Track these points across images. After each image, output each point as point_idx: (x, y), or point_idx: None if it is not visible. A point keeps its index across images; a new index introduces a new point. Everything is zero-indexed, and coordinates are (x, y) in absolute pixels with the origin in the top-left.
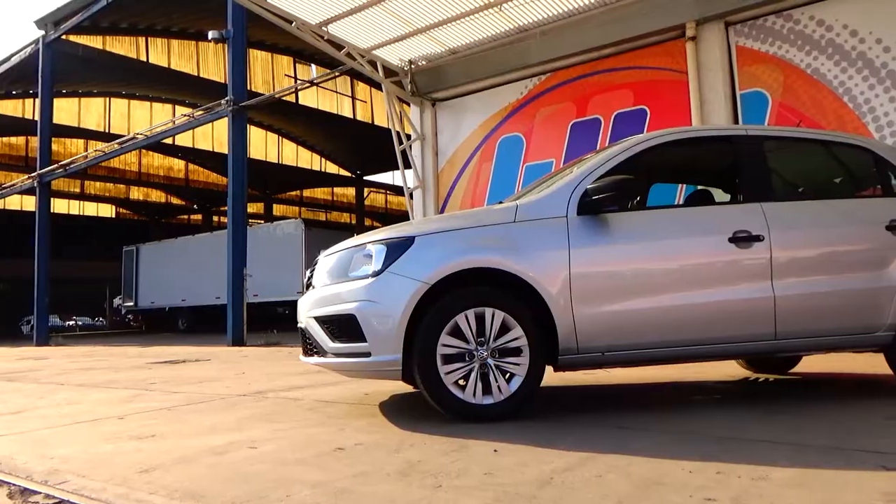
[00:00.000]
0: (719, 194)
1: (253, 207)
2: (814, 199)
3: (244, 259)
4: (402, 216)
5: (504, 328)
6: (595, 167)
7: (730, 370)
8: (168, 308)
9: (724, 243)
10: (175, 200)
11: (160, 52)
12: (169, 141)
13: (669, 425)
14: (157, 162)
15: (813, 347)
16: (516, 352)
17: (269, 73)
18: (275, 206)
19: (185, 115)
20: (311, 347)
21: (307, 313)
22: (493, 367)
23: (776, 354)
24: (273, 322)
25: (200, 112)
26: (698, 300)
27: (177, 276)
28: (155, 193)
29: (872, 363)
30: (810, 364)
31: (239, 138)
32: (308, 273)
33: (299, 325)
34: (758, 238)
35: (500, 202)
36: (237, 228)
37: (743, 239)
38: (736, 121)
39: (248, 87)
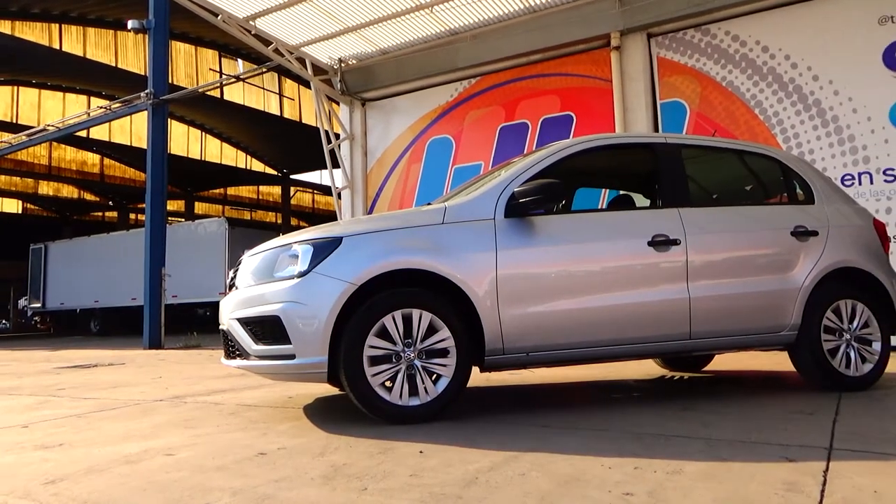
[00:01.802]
0: (640, 199)
1: (173, 205)
2: (727, 205)
3: (163, 259)
4: (330, 216)
5: (431, 329)
6: (522, 171)
7: (648, 369)
8: (79, 310)
9: (643, 247)
10: (89, 196)
11: (75, 41)
12: (83, 133)
13: (590, 423)
14: (69, 155)
15: (725, 346)
16: (443, 353)
17: (192, 67)
18: (197, 204)
19: (101, 108)
20: (233, 350)
21: (230, 315)
22: (420, 369)
23: (691, 353)
24: (193, 324)
25: (118, 105)
26: (619, 301)
27: (89, 276)
28: (67, 188)
29: (777, 361)
30: (722, 362)
31: (159, 133)
32: (231, 273)
33: (221, 326)
34: (675, 242)
35: (429, 204)
36: (156, 226)
37: (661, 243)
38: (656, 129)
39: (170, 81)
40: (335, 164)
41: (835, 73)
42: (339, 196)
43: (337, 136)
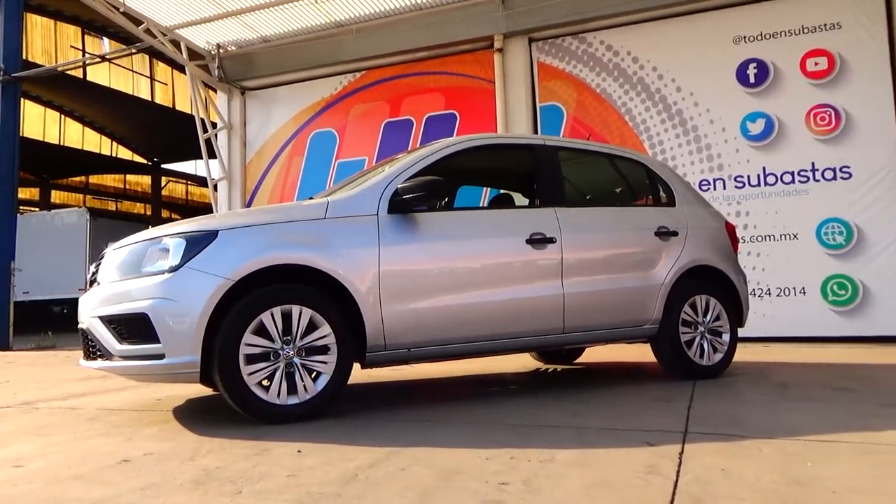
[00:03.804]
0: (519, 198)
1: (26, 193)
2: (599, 205)
3: (12, 251)
4: (206, 209)
5: (312, 326)
6: (406, 167)
7: (524, 362)
8: None
9: (521, 244)
10: None
11: None
12: None
13: (470, 416)
14: None
15: (595, 339)
16: (324, 350)
17: (50, 43)
18: (54, 192)
19: None
20: (94, 350)
21: (91, 312)
22: (300, 366)
23: (564, 347)
24: (48, 323)
25: None
26: (499, 297)
27: None
28: None
29: (641, 352)
30: (592, 355)
31: (10, 113)
32: (93, 268)
33: (81, 325)
34: (551, 240)
35: (311, 198)
36: (3, 216)
37: (538, 241)
38: (536, 131)
39: (25, 57)
40: (211, 155)
41: (695, 86)
42: (215, 188)
43: (214, 125)
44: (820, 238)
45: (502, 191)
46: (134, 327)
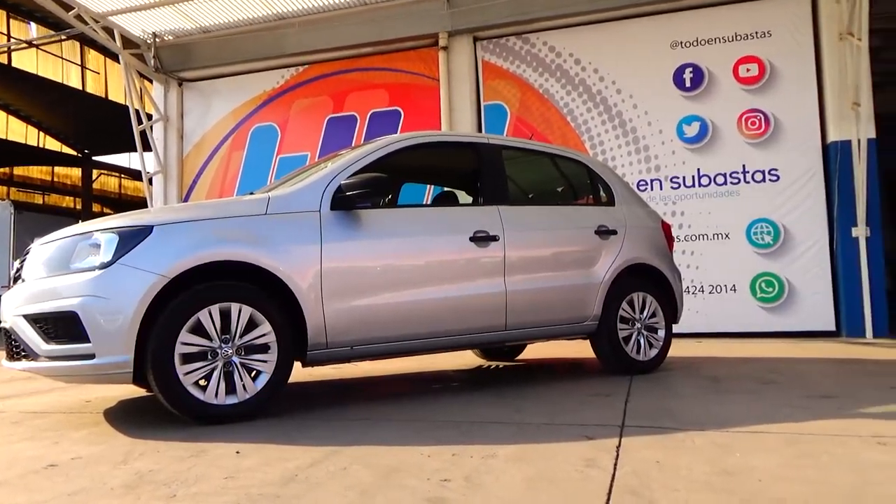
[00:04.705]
0: (463, 196)
1: None
2: (541, 204)
3: None
4: (140, 204)
5: (252, 324)
6: (350, 163)
7: (466, 360)
8: None
9: (465, 242)
10: None
11: None
12: None
13: (411, 414)
14: None
15: (537, 336)
16: (264, 348)
17: None
18: None
19: None
20: (17, 350)
21: (15, 311)
22: (239, 365)
23: (506, 343)
24: None
25: None
26: (442, 295)
27: None
28: None
29: (581, 349)
30: (533, 351)
31: None
32: (17, 264)
33: (3, 324)
34: (494, 238)
35: (251, 193)
36: None
37: (482, 238)
38: (480, 129)
39: None
40: (146, 147)
41: (634, 89)
42: (150, 182)
43: (149, 116)
44: (750, 238)
45: (446, 188)
46: (62, 326)
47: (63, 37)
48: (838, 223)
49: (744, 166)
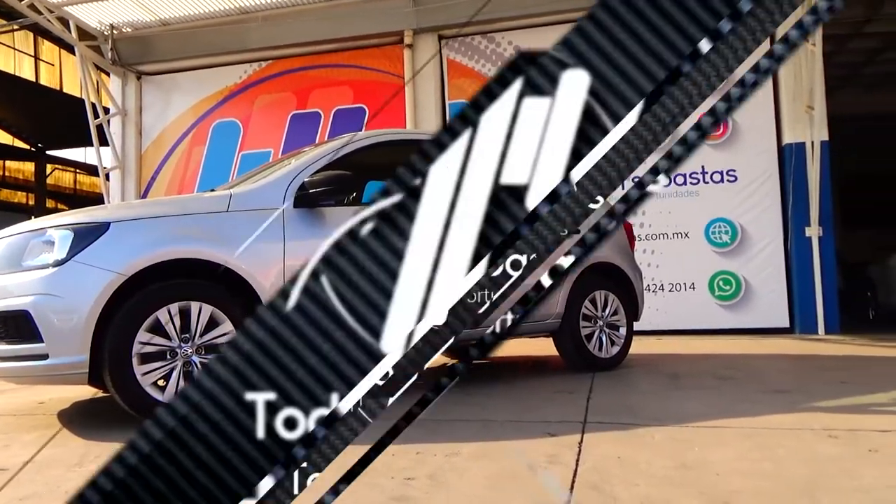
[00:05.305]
0: None
1: None
2: None
3: None
4: (97, 199)
5: (213, 323)
6: (313, 160)
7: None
8: None
9: None
10: None
11: None
12: None
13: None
14: None
15: None
16: None
17: None
18: None
19: None
20: None
21: None
22: (199, 365)
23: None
24: None
25: None
26: None
27: None
28: None
29: (544, 346)
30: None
31: None
32: None
33: None
34: None
35: (213, 190)
36: None
37: None
38: None
39: None
40: (103, 142)
41: None
42: (107, 177)
43: (106, 110)
44: (708, 237)
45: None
46: (12, 326)
47: (16, 27)
48: (793, 223)
49: (703, 167)
